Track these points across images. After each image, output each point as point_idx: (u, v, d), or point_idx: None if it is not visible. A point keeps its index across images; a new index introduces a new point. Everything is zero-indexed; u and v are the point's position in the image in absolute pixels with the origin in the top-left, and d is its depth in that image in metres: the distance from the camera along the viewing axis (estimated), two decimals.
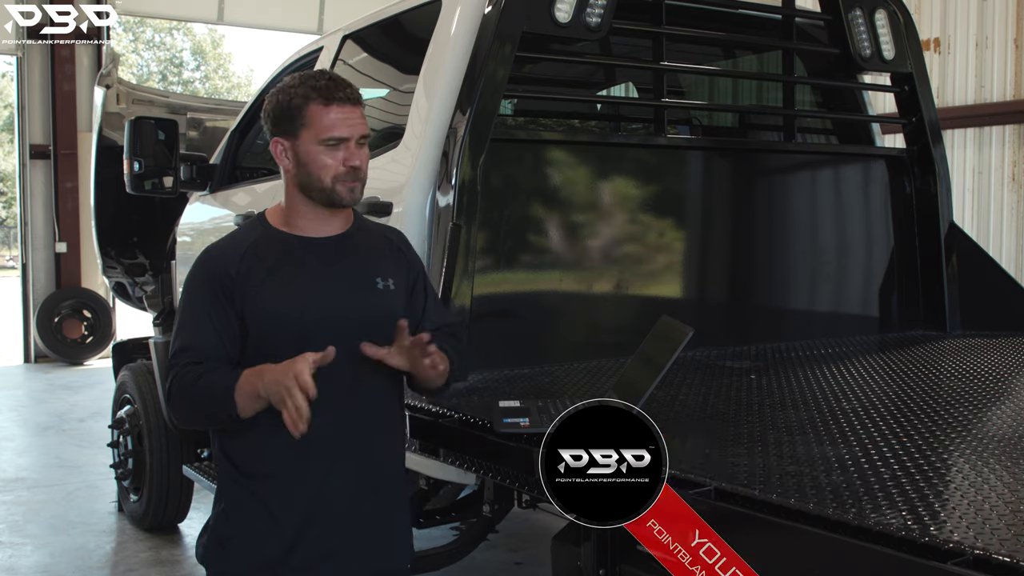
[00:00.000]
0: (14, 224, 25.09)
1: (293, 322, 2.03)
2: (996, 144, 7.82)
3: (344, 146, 2.05)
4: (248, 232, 2.14)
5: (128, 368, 5.05)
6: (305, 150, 2.06)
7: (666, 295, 3.42)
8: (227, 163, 4.33)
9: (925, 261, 3.76)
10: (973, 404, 2.46)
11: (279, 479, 2.05)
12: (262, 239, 2.10)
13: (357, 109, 2.08)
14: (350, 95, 2.07)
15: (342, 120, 2.04)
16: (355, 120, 2.06)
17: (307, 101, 2.05)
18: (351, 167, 2.05)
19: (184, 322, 2.07)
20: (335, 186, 2.06)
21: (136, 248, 5.62)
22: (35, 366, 11.65)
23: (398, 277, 2.16)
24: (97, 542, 4.85)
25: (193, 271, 2.11)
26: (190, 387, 1.99)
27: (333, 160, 2.04)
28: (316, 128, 2.04)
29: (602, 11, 3.03)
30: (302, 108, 2.05)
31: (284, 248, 2.09)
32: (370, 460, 2.11)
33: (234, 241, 2.12)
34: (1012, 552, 1.34)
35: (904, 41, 3.72)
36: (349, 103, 2.06)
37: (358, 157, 2.06)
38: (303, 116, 2.05)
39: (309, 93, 2.05)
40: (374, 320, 2.09)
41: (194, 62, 36.48)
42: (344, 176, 2.05)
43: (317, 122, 2.04)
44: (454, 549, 3.16)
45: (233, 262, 2.05)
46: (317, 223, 2.11)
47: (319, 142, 2.04)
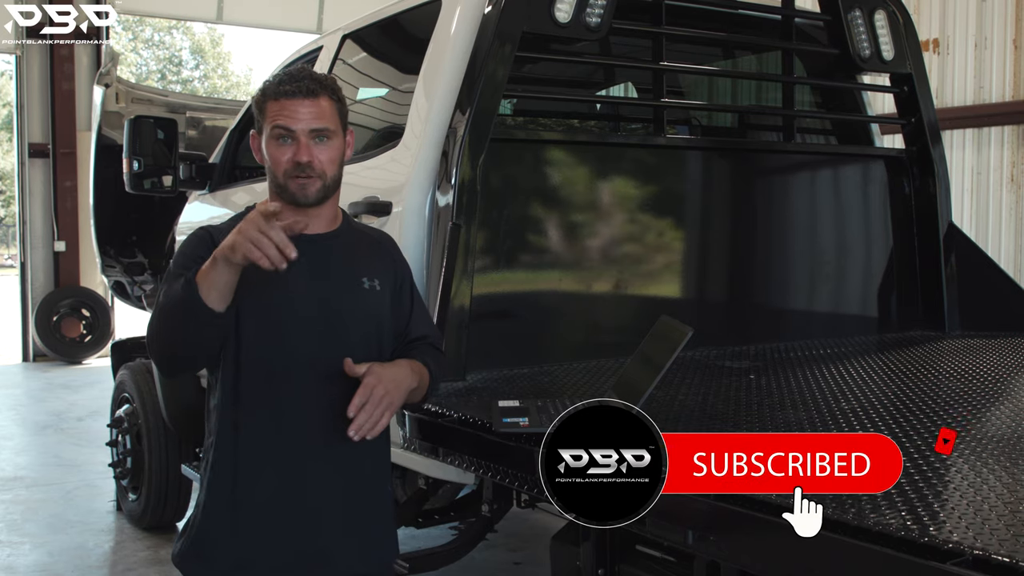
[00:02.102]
0: (13, 223, 25.07)
1: (277, 316, 2.00)
2: (995, 145, 7.82)
3: (293, 139, 2.01)
4: (238, 219, 2.10)
5: (127, 367, 5.05)
6: (265, 145, 2.05)
7: (665, 295, 3.42)
8: (226, 162, 4.33)
9: (924, 261, 3.76)
10: (972, 404, 2.46)
11: (258, 479, 2.01)
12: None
13: (311, 102, 2.01)
14: (301, 88, 2.01)
15: (288, 114, 2.00)
16: (303, 113, 2.00)
17: (265, 96, 2.04)
18: (296, 162, 2.00)
19: (169, 282, 1.98)
20: (287, 182, 2.02)
21: (135, 247, 5.62)
22: (34, 365, 11.64)
23: (384, 279, 2.14)
24: (96, 541, 4.85)
25: (187, 241, 2.10)
26: (158, 307, 1.93)
27: (283, 155, 2.02)
28: (268, 122, 2.03)
29: (602, 11, 3.03)
30: (262, 103, 2.04)
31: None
32: (352, 460, 2.07)
33: (229, 227, 2.07)
34: (1011, 552, 1.35)
35: (903, 42, 3.72)
36: (300, 95, 2.00)
37: (307, 153, 2.00)
38: (263, 111, 2.04)
39: (267, 87, 2.05)
40: (358, 318, 2.08)
41: (193, 61, 36.49)
42: (292, 172, 2.01)
43: (269, 116, 2.03)
44: (453, 549, 3.16)
45: (222, 235, 1.99)
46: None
47: (269, 135, 2.03)
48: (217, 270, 1.83)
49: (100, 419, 7.20)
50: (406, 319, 2.19)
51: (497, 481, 2.27)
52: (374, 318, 2.11)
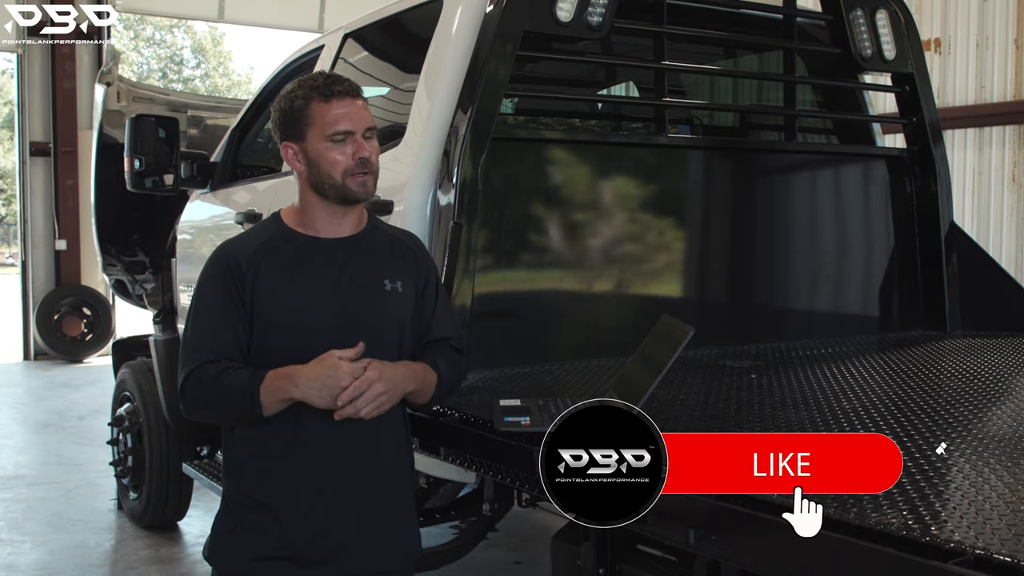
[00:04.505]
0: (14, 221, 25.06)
1: (300, 321, 2.04)
2: (996, 144, 7.81)
3: (351, 139, 2.06)
4: (263, 230, 2.17)
5: (128, 366, 5.05)
6: (314, 149, 2.07)
7: (667, 294, 3.42)
8: (228, 161, 4.32)
9: (925, 261, 3.76)
10: (973, 404, 2.46)
11: (280, 475, 2.05)
12: (275, 238, 2.12)
13: (358, 102, 2.09)
14: (349, 88, 2.09)
15: (345, 114, 2.06)
16: (358, 113, 2.08)
17: (308, 101, 2.07)
18: (360, 159, 2.06)
19: (198, 318, 2.08)
20: (346, 181, 2.07)
21: (136, 246, 5.62)
22: (35, 364, 11.65)
23: (407, 280, 2.17)
24: (96, 540, 4.85)
25: (207, 267, 2.12)
26: (209, 385, 2.00)
27: (342, 155, 2.06)
28: (321, 125, 2.06)
29: (603, 10, 3.03)
30: (304, 109, 2.07)
31: (295, 248, 2.10)
32: (374, 459, 2.11)
33: (248, 238, 2.15)
34: (1013, 552, 1.35)
35: (905, 41, 3.72)
36: (349, 96, 2.08)
37: (366, 149, 2.07)
38: (307, 116, 2.07)
39: (309, 93, 2.08)
40: (382, 321, 2.10)
41: (194, 60, 36.47)
42: (354, 169, 2.06)
43: (320, 119, 2.06)
44: (454, 548, 3.16)
45: (245, 258, 2.07)
46: (331, 224, 2.12)
47: (325, 138, 2.06)
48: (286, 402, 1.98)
49: (101, 418, 7.21)
50: (428, 319, 2.21)
51: (498, 480, 2.28)
52: (397, 320, 2.14)
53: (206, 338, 2.05)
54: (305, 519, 2.05)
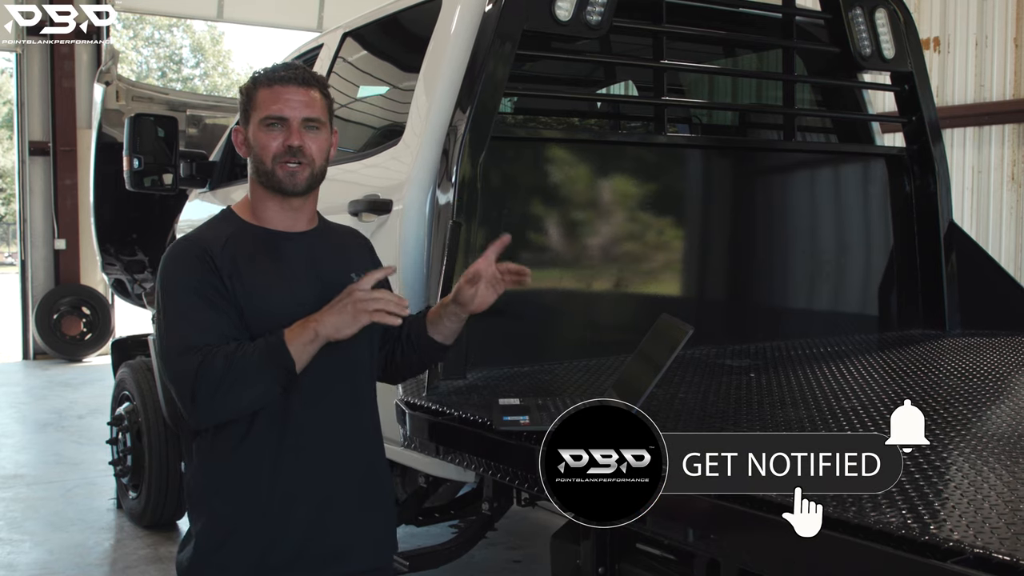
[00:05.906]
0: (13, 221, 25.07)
1: (284, 311, 1.99)
2: (996, 143, 7.81)
3: (284, 126, 2.02)
4: (222, 225, 2.09)
5: (127, 365, 5.05)
6: (253, 133, 2.05)
7: (666, 293, 3.42)
8: (227, 160, 4.33)
9: (924, 260, 3.76)
10: (973, 403, 2.46)
11: (261, 481, 2.00)
12: (238, 233, 2.06)
13: (304, 91, 2.03)
14: (295, 76, 2.03)
15: (284, 100, 2.02)
16: (298, 101, 2.02)
17: (255, 86, 2.05)
18: (288, 146, 2.01)
19: (183, 312, 1.95)
20: (275, 168, 2.02)
21: (135, 245, 5.63)
22: (34, 363, 11.64)
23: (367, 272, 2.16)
24: (96, 539, 4.85)
25: (175, 262, 2.01)
26: (227, 367, 1.87)
27: (274, 141, 2.02)
28: (259, 110, 2.03)
29: (602, 9, 3.03)
30: (251, 93, 2.06)
31: (261, 242, 2.06)
32: (359, 455, 2.10)
33: (211, 232, 2.07)
34: (1012, 551, 1.34)
35: (904, 40, 3.71)
36: (295, 83, 2.03)
37: (298, 137, 2.02)
38: (252, 101, 2.05)
39: (258, 78, 2.06)
40: None
41: (194, 59, 36.48)
42: (283, 156, 2.02)
43: (260, 104, 2.03)
44: (453, 547, 3.16)
45: (217, 250, 2.00)
46: (283, 216, 2.08)
47: (260, 122, 2.03)
48: (315, 346, 1.92)
49: (100, 417, 7.21)
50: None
51: (497, 479, 2.27)
52: None
53: (199, 328, 1.93)
54: (300, 523, 2.02)
